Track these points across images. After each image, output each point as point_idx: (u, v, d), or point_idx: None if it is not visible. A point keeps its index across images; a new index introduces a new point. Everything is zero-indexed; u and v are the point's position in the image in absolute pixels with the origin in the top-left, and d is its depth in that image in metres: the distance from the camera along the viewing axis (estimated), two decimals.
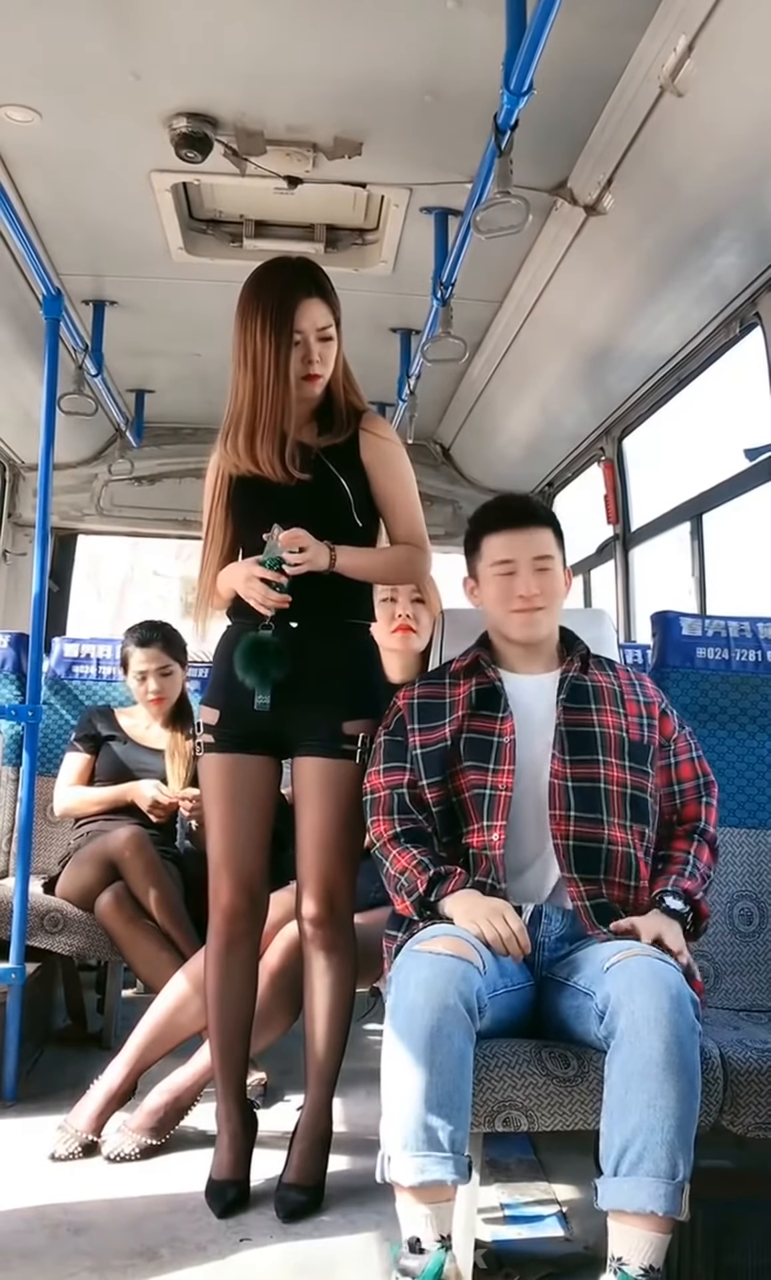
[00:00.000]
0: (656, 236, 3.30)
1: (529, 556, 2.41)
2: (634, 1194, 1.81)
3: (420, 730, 2.37)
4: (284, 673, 2.47)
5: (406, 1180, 1.84)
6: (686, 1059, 1.86)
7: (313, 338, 2.51)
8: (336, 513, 2.54)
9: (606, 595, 4.94)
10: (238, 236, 3.89)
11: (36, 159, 3.31)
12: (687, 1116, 1.85)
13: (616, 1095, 1.87)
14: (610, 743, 2.32)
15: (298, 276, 2.52)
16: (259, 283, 2.54)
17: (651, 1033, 1.86)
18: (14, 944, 3.13)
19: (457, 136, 3.06)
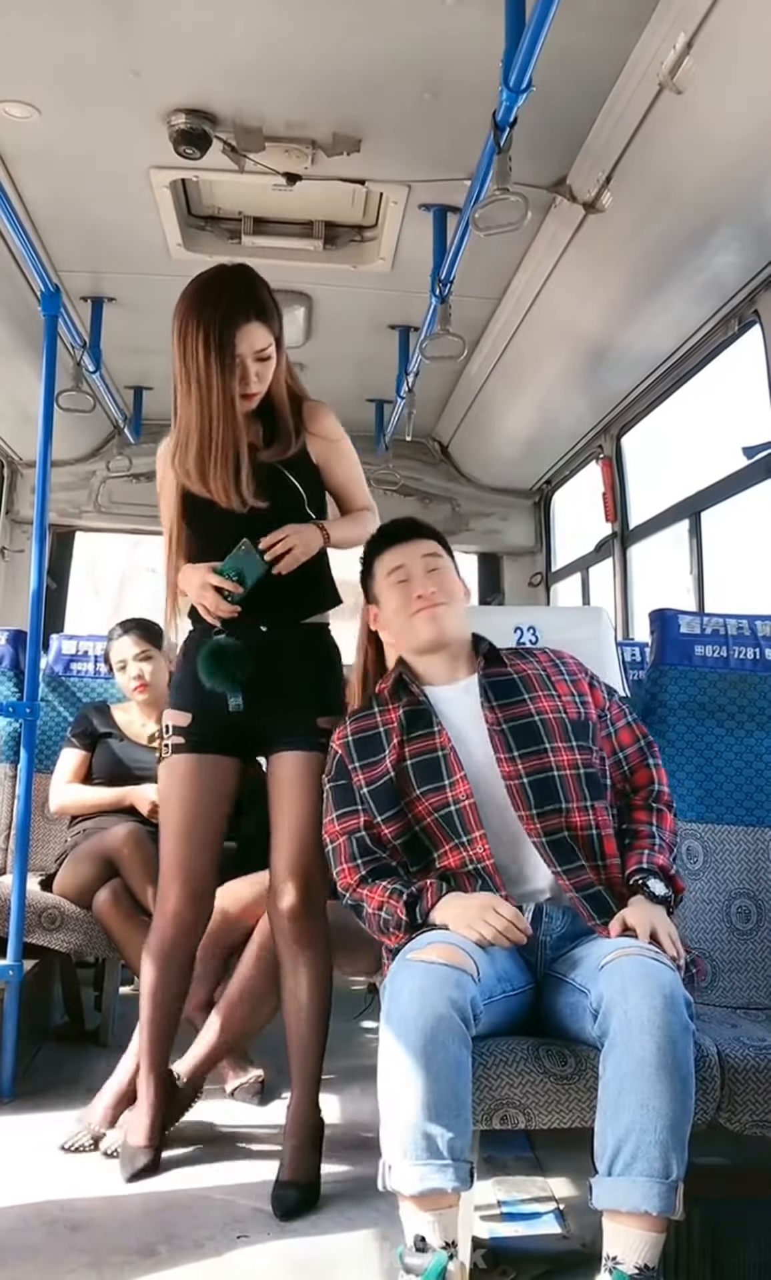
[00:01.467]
0: (655, 234, 3.30)
1: (417, 557, 2.46)
2: (628, 1194, 1.81)
3: (362, 768, 2.35)
4: (247, 673, 2.55)
5: (407, 1189, 1.83)
6: (679, 1059, 1.86)
7: (250, 359, 2.52)
8: (295, 513, 2.62)
9: (604, 593, 4.94)
10: (236, 233, 3.89)
11: (35, 155, 3.30)
12: (681, 1116, 1.84)
13: (610, 1095, 1.87)
14: (552, 727, 2.32)
15: (237, 300, 2.50)
16: (200, 300, 2.52)
17: (643, 1033, 1.86)
18: (11, 941, 3.12)
19: (456, 133, 3.06)
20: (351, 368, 4.99)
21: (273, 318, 2.55)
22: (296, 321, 4.45)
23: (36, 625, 3.36)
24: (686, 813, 2.82)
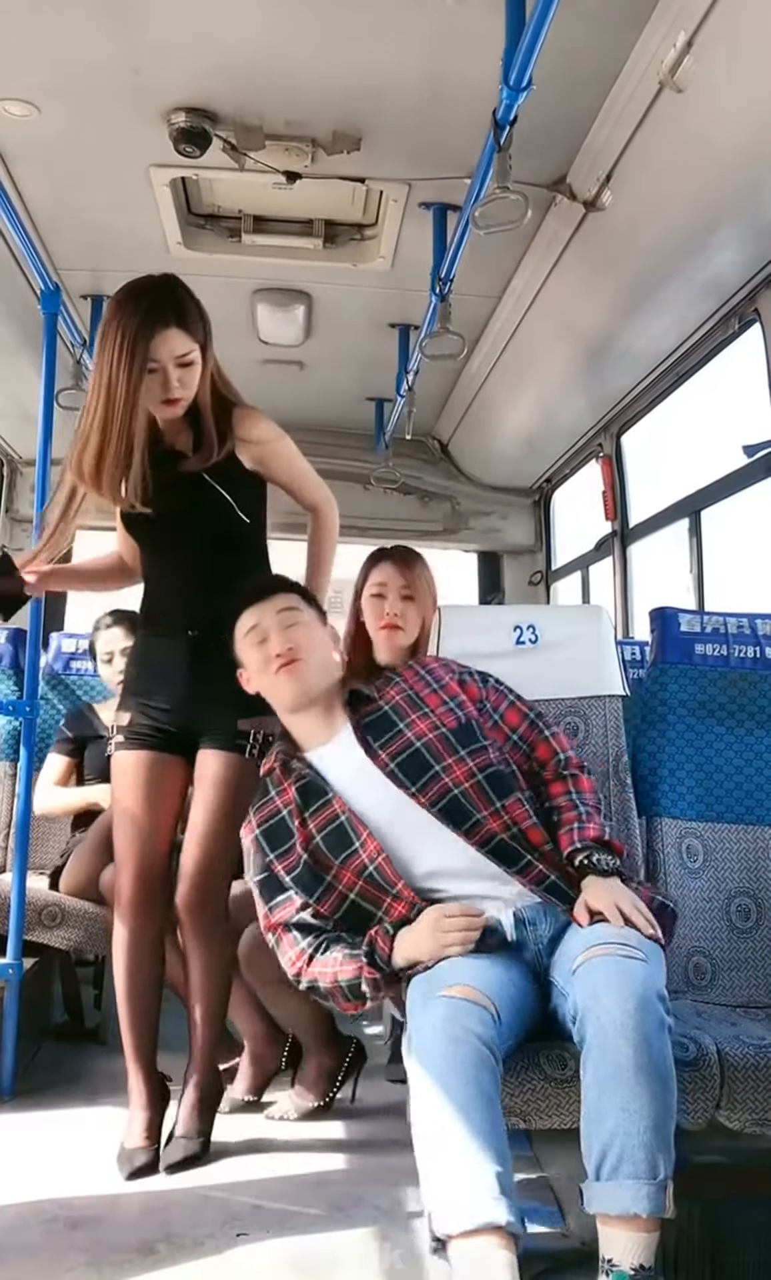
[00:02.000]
0: (655, 232, 3.29)
1: (272, 614, 2.47)
2: (618, 1197, 1.81)
3: (278, 858, 2.36)
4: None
5: (459, 1225, 1.78)
6: (655, 1059, 1.86)
7: (170, 365, 2.57)
8: (222, 522, 2.73)
9: (604, 592, 4.94)
10: (236, 232, 3.88)
11: (35, 154, 3.30)
12: (663, 1115, 1.84)
13: (591, 1101, 1.87)
14: (436, 747, 2.32)
15: (155, 306, 2.55)
16: (120, 308, 2.57)
17: (618, 1037, 1.86)
18: (11, 939, 3.12)
19: (457, 132, 3.06)
20: (351, 366, 4.99)
21: (195, 324, 2.59)
22: (296, 320, 4.45)
23: (36, 623, 3.36)
24: (686, 811, 2.83)
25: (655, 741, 2.89)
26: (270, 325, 4.50)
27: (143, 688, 2.80)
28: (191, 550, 2.77)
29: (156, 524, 2.75)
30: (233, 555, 2.77)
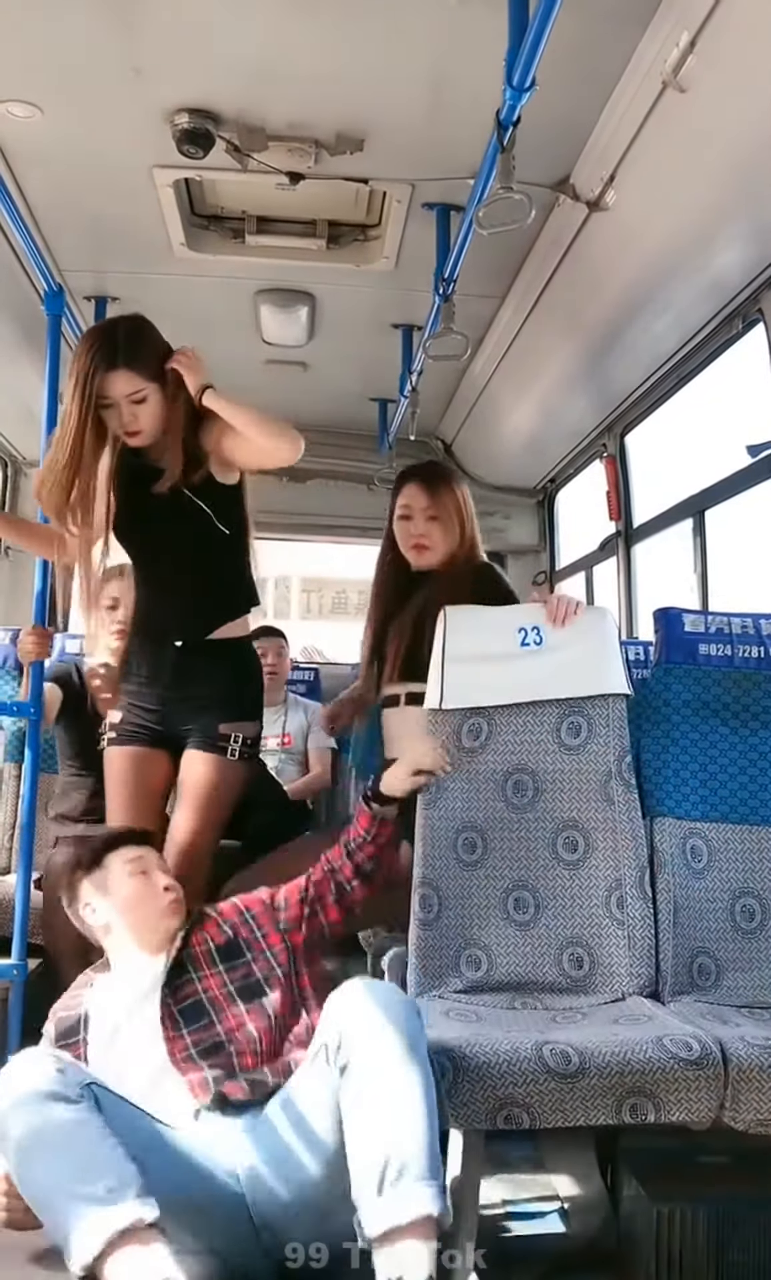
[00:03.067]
0: (658, 233, 3.29)
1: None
2: (405, 1205, 1.80)
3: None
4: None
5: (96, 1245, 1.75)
6: (411, 1073, 1.89)
7: (123, 404, 2.82)
8: (202, 534, 2.92)
9: (608, 592, 4.93)
10: (240, 232, 3.88)
11: (38, 155, 3.30)
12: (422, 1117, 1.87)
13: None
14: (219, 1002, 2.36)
15: (102, 348, 2.79)
16: (78, 349, 2.85)
17: (372, 1063, 1.91)
18: (16, 940, 3.13)
19: (460, 132, 3.05)
20: (355, 367, 4.99)
21: (144, 364, 2.82)
22: (299, 321, 4.45)
23: (40, 624, 3.36)
24: (691, 812, 2.82)
25: (659, 742, 2.89)
26: (273, 326, 4.50)
27: (132, 689, 3.03)
28: (174, 562, 2.99)
29: (143, 538, 3.00)
30: (213, 566, 2.98)
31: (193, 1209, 1.98)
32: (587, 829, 2.75)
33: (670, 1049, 2.07)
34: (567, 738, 2.81)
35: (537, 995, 2.63)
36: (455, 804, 2.78)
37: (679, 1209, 2.11)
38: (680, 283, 3.51)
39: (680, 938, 2.68)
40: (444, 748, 2.72)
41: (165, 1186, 1.94)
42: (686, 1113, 2.05)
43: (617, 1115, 2.05)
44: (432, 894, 2.71)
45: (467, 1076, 2.01)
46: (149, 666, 3.01)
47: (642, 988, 2.61)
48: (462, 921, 2.71)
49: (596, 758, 2.79)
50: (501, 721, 2.84)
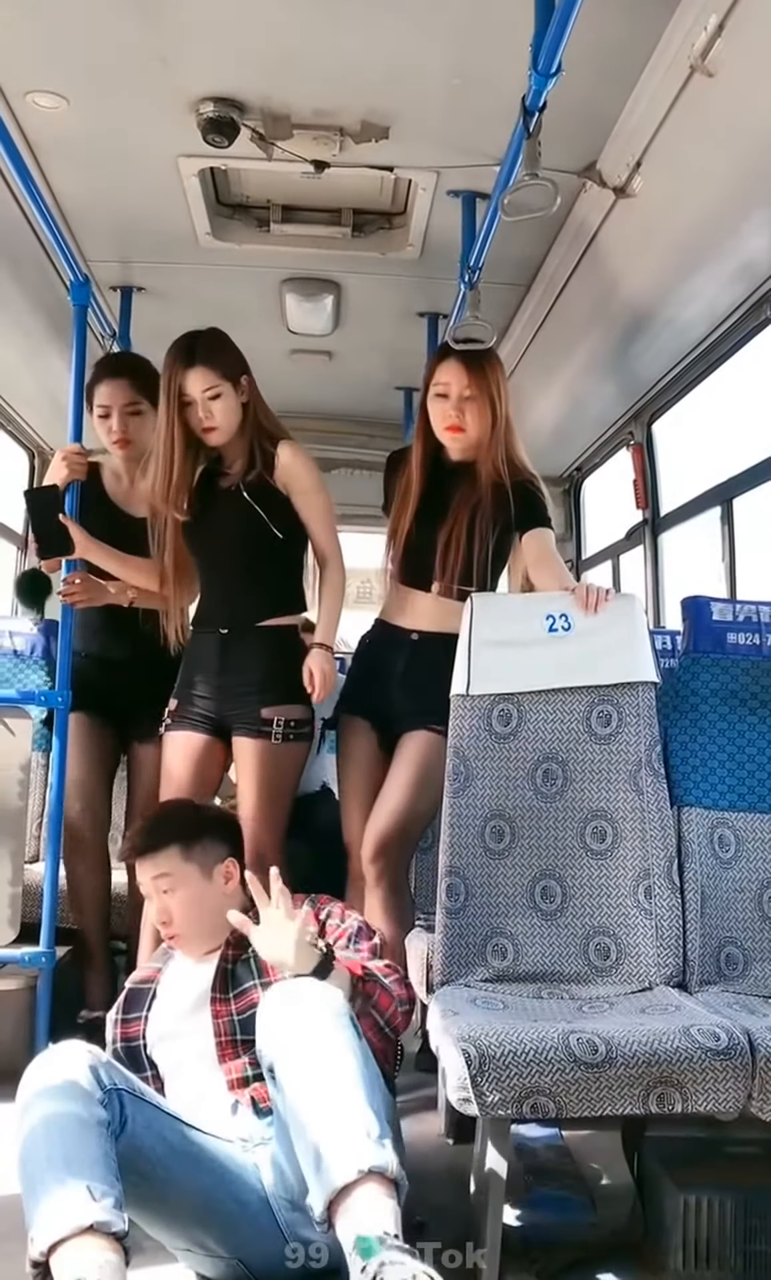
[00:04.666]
0: (686, 218, 3.27)
1: (150, 883, 2.45)
2: (341, 1169, 1.76)
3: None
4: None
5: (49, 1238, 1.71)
6: (332, 1063, 1.88)
7: (201, 400, 3.08)
8: (257, 532, 3.11)
9: (636, 581, 4.91)
10: (265, 221, 3.88)
11: (64, 145, 3.31)
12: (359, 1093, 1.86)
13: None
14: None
15: (181, 351, 3.09)
16: (165, 357, 3.13)
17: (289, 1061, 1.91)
18: (44, 927, 3.16)
19: (485, 119, 3.04)
20: (380, 356, 4.98)
21: (216, 363, 3.08)
22: (325, 310, 4.45)
23: (67, 615, 3.38)
24: (718, 801, 2.81)
25: (687, 731, 2.88)
26: (299, 315, 4.50)
27: (187, 677, 3.20)
28: (227, 557, 3.18)
29: (204, 532, 3.17)
30: (264, 564, 3.16)
31: (219, 1215, 1.99)
32: (616, 819, 2.74)
33: (697, 1039, 2.06)
34: (598, 726, 2.81)
35: (564, 985, 2.63)
36: (483, 792, 2.78)
37: (705, 1198, 2.10)
38: (707, 269, 3.48)
39: (707, 928, 2.67)
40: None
41: (192, 1193, 1.97)
42: (713, 1103, 2.04)
43: (644, 1105, 2.05)
44: (459, 883, 2.71)
45: (493, 1065, 2.01)
46: (200, 654, 3.19)
47: (669, 978, 2.61)
48: (489, 910, 2.71)
49: (627, 747, 2.78)
50: (531, 709, 2.83)
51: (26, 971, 3.16)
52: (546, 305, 4.14)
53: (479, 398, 3.13)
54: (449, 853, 2.73)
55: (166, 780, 3.18)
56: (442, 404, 3.15)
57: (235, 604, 3.17)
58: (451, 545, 3.11)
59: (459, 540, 3.11)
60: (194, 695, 3.17)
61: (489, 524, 3.11)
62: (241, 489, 3.12)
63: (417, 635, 3.18)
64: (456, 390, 3.13)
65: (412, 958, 2.88)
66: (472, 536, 3.11)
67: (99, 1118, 1.84)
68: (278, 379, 3.05)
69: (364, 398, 5.46)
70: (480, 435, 3.14)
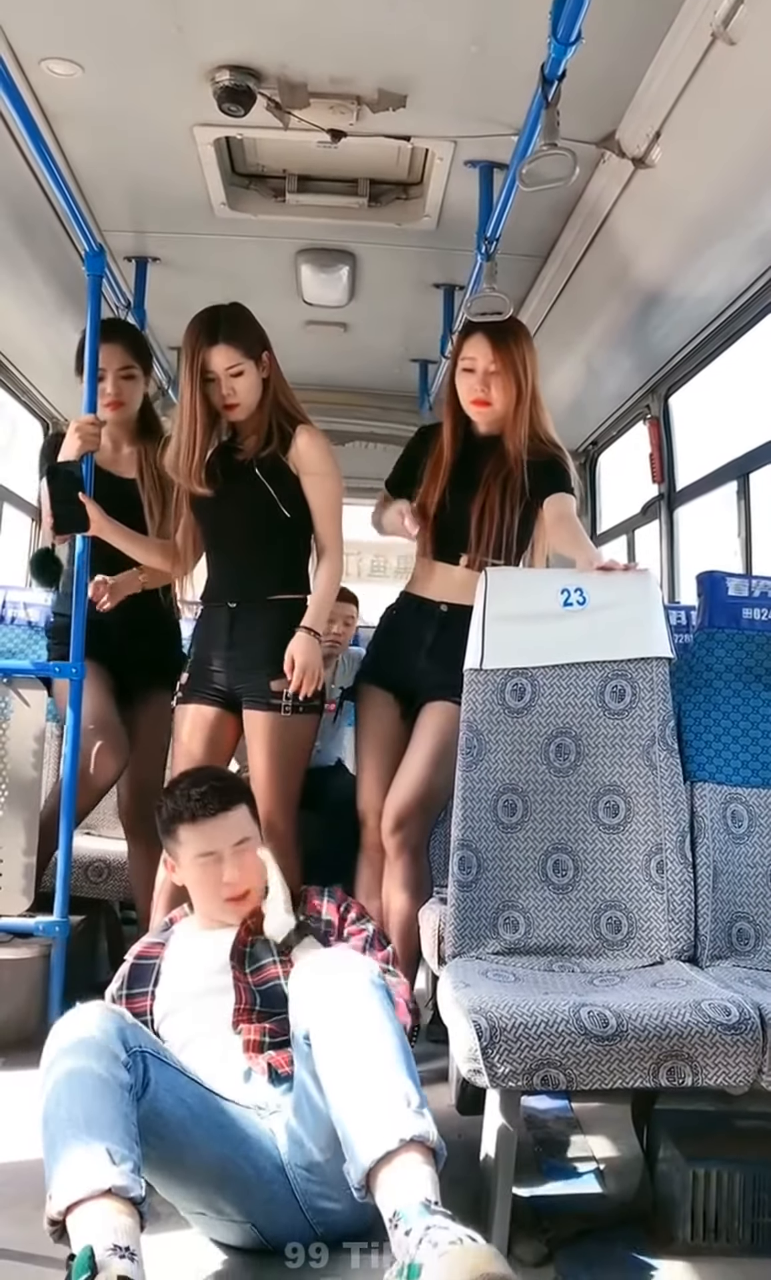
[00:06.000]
0: (706, 189, 3.24)
1: (229, 845, 2.45)
2: (382, 1137, 1.76)
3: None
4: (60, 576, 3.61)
5: (70, 1197, 1.73)
6: (370, 1034, 1.89)
7: (223, 377, 3.10)
8: (266, 509, 3.14)
9: (651, 555, 4.90)
10: (281, 191, 3.85)
11: (79, 113, 3.29)
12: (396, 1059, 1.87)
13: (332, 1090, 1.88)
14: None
15: (205, 328, 3.10)
16: (185, 335, 3.14)
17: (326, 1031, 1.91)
18: (58, 897, 3.18)
19: (503, 88, 3.01)
20: (395, 327, 4.96)
21: (240, 341, 3.10)
22: (340, 281, 4.43)
23: (81, 586, 3.38)
24: (732, 777, 2.81)
25: (701, 707, 2.87)
26: (314, 286, 4.48)
27: (198, 651, 3.24)
28: (237, 532, 3.21)
29: (214, 508, 3.19)
30: (272, 541, 3.18)
31: (236, 1180, 2.00)
32: (629, 793, 2.74)
33: (708, 1013, 2.07)
34: (611, 701, 2.80)
35: (575, 958, 2.64)
36: (496, 765, 2.79)
37: (714, 1171, 2.11)
38: (726, 241, 3.45)
39: (719, 903, 2.67)
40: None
41: (210, 1158, 1.98)
42: (724, 1077, 2.05)
43: (654, 1078, 2.06)
44: (471, 856, 2.72)
45: (505, 1037, 2.02)
46: (210, 628, 3.23)
47: (681, 952, 2.61)
48: (501, 884, 2.72)
49: (640, 722, 2.78)
50: (545, 683, 2.83)
51: (41, 940, 3.18)
52: (563, 277, 4.11)
53: (504, 372, 3.13)
54: (461, 826, 2.74)
55: (179, 753, 3.21)
56: (469, 378, 3.17)
57: (244, 578, 3.20)
58: (485, 518, 3.15)
59: (492, 512, 3.14)
60: (205, 669, 3.20)
61: (517, 497, 3.12)
62: (254, 466, 3.15)
63: (447, 607, 3.20)
64: (482, 365, 3.14)
65: (425, 929, 2.89)
66: (504, 509, 3.13)
67: (122, 1080, 1.86)
68: (292, 350, 3.04)
69: (379, 370, 5.44)
70: (506, 409, 3.16)
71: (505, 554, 3.14)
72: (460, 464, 3.23)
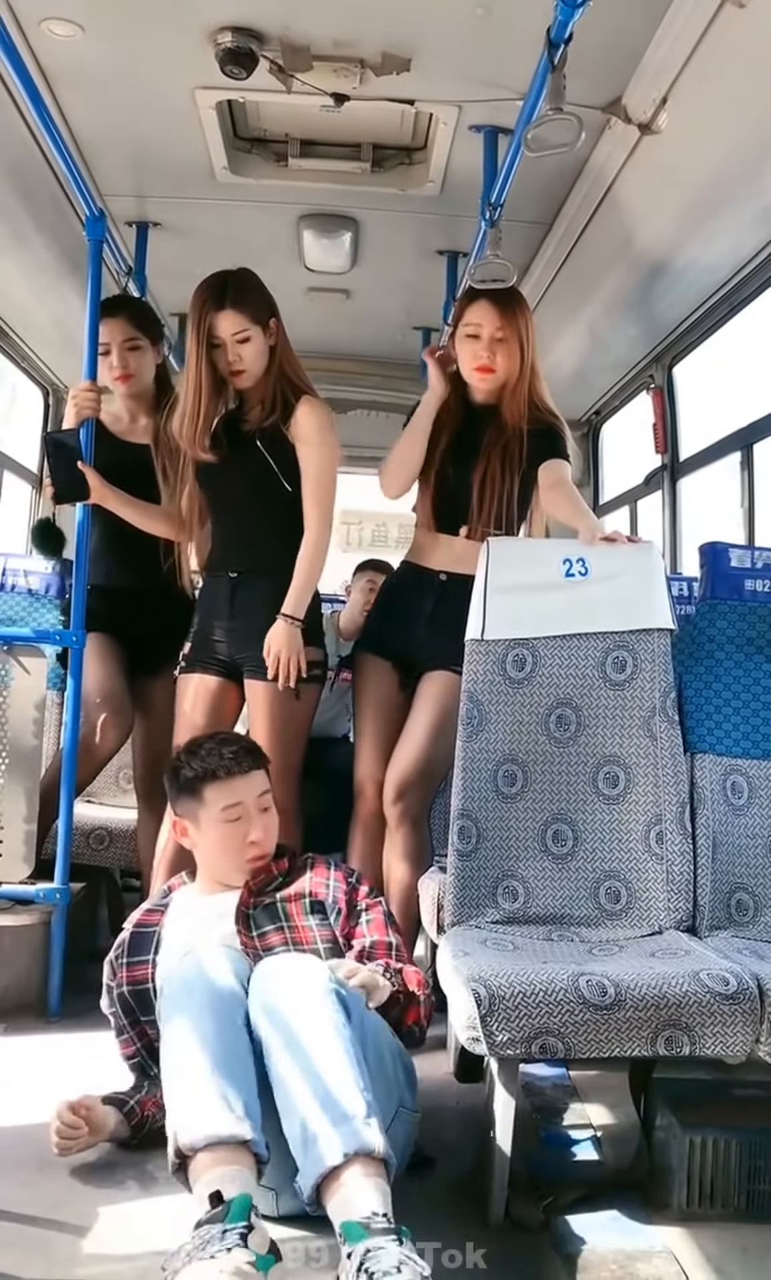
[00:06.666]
0: (712, 156, 3.21)
1: (254, 798, 2.45)
2: (324, 1154, 1.78)
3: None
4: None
5: (199, 1139, 1.81)
6: (317, 1044, 1.90)
7: (230, 342, 3.08)
8: (267, 480, 3.11)
9: (653, 526, 4.89)
10: (283, 156, 3.82)
11: (79, 75, 3.25)
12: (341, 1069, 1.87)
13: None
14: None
15: (213, 292, 3.08)
16: (193, 297, 3.10)
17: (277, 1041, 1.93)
18: (59, 864, 3.19)
19: (509, 51, 2.98)
20: (398, 294, 4.93)
21: (247, 307, 3.07)
22: (342, 247, 4.39)
23: (81, 553, 3.38)
24: (733, 748, 2.81)
25: (702, 678, 2.87)
26: (316, 252, 4.45)
27: (201, 621, 3.23)
28: (239, 502, 3.19)
29: (216, 476, 3.18)
30: (273, 512, 3.14)
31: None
32: (629, 764, 2.75)
33: (707, 983, 2.08)
34: (612, 672, 2.80)
35: (574, 928, 2.65)
36: (497, 736, 2.79)
37: (710, 1139, 2.12)
38: (732, 209, 3.43)
39: (718, 873, 2.68)
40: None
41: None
42: (721, 1046, 2.06)
43: (652, 1047, 2.07)
44: (471, 825, 2.73)
45: (503, 1005, 2.03)
46: (212, 598, 3.22)
47: (680, 922, 2.62)
48: (500, 853, 2.72)
49: (641, 693, 2.78)
50: (546, 654, 2.83)
51: (41, 907, 3.19)
52: (567, 245, 4.08)
53: (510, 340, 3.12)
54: (461, 796, 2.75)
55: (182, 723, 3.18)
56: (473, 344, 3.15)
57: (245, 549, 3.18)
58: (486, 487, 3.14)
59: (493, 481, 3.13)
60: (207, 639, 3.19)
61: (517, 465, 3.11)
62: (256, 436, 3.13)
63: (446, 576, 3.20)
64: (488, 331, 3.12)
65: (425, 898, 2.90)
66: (505, 478, 3.13)
67: (244, 1033, 1.95)
68: (294, 317, 3.02)
69: (381, 337, 5.41)
70: (508, 376, 3.15)
71: (505, 524, 3.13)
72: (459, 434, 3.21)
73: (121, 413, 3.62)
